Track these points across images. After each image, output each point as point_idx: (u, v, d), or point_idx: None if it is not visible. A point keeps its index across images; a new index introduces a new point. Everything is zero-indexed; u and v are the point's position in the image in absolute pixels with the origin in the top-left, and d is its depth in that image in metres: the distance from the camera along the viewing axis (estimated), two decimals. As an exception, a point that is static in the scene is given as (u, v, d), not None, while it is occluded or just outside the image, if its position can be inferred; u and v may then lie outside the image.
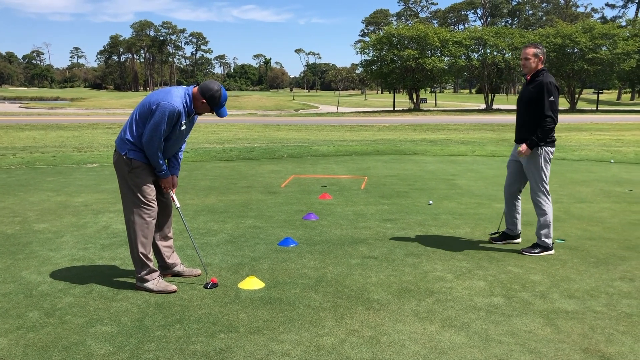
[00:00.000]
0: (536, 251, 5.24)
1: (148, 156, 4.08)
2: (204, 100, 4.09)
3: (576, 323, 3.65)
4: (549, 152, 5.19)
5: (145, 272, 4.19)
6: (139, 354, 3.20)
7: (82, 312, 3.79)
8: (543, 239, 5.24)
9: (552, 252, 5.26)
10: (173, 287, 4.20)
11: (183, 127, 4.14)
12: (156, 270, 4.27)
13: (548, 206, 5.26)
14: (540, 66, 5.18)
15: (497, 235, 5.67)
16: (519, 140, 5.33)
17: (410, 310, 3.86)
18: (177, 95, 4.02)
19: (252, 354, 3.20)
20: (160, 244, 4.44)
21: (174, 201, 4.41)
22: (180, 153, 4.46)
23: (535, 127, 5.10)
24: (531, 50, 5.16)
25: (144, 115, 4.03)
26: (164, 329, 3.54)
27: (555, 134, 5.20)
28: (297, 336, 3.44)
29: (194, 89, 4.15)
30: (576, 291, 4.25)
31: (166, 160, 4.30)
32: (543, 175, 5.22)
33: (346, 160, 13.04)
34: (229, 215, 6.83)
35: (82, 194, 8.34)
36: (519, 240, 5.63)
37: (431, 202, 7.72)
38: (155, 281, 4.20)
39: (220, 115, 4.19)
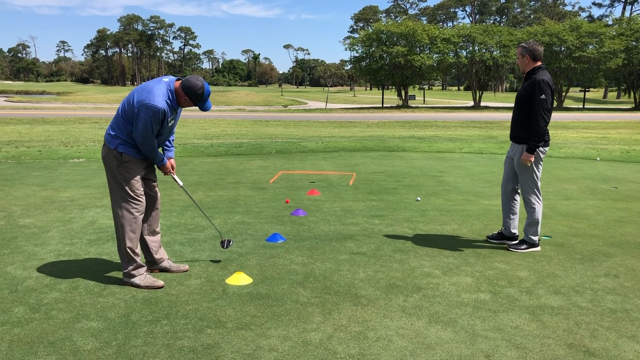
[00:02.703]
0: (522, 247, 5.28)
1: (145, 153, 4.13)
2: (187, 98, 4.08)
3: (561, 319, 3.69)
4: (542, 152, 5.21)
5: (132, 267, 4.17)
6: (126, 349, 3.18)
7: (68, 308, 3.76)
8: (530, 235, 5.27)
9: (539, 248, 5.30)
10: (160, 282, 4.18)
11: (170, 123, 4.20)
12: (143, 266, 4.26)
13: (538, 205, 5.29)
14: (535, 63, 5.18)
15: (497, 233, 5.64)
16: (512, 138, 5.37)
17: (398, 305, 3.88)
18: (159, 95, 3.97)
19: (239, 349, 3.20)
20: (148, 238, 4.42)
21: (176, 181, 4.51)
22: (172, 135, 4.47)
23: (527, 125, 5.12)
24: (518, 50, 5.26)
25: (129, 115, 4.04)
26: (151, 324, 3.52)
27: (549, 133, 5.22)
28: (284, 332, 3.44)
29: (176, 82, 4.11)
30: (561, 287, 4.29)
31: (159, 149, 4.33)
32: (534, 174, 5.25)
33: (334, 156, 13.05)
34: (217, 211, 6.81)
35: (68, 188, 8.28)
36: (515, 242, 5.41)
37: (419, 198, 7.75)
38: (143, 276, 4.18)
39: (204, 109, 4.18)
